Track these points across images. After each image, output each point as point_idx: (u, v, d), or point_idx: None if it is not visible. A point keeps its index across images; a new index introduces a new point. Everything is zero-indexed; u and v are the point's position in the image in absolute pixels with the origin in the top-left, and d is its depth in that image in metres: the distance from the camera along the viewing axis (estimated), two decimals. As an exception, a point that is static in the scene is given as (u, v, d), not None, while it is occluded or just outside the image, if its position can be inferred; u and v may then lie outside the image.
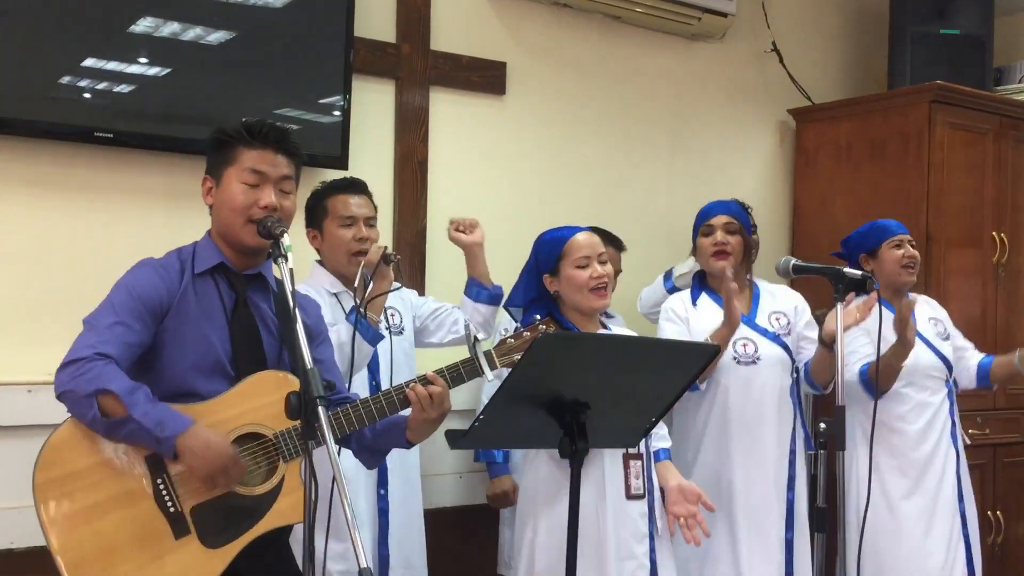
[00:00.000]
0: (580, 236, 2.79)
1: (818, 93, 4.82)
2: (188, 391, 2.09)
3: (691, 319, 3.29)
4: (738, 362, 3.23)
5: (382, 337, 2.84)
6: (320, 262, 3.05)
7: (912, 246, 3.50)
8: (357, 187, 3.04)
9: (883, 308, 3.36)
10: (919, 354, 3.42)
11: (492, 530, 3.63)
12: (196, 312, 2.14)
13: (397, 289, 2.91)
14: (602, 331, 2.84)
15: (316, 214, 3.02)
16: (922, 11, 4.59)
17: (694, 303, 3.34)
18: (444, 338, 3.19)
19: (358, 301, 2.74)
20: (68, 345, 2.04)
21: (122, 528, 2.02)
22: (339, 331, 2.72)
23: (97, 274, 2.22)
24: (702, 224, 3.32)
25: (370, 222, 3.00)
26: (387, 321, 3.01)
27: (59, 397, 2.03)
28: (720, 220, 3.28)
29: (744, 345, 3.23)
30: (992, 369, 3.57)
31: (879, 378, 3.15)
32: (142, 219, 3.17)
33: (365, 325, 2.71)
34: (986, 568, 4.28)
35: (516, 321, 2.89)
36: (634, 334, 2.99)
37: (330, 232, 2.98)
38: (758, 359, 3.25)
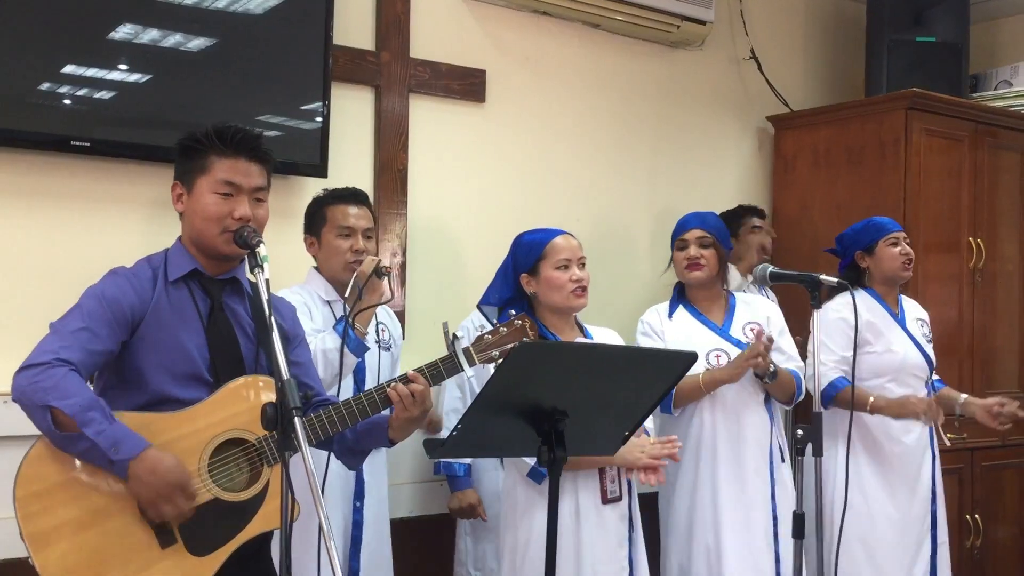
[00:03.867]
0: (560, 239, 2.87)
1: (796, 100, 4.85)
2: (167, 398, 2.07)
3: (666, 332, 3.29)
4: None
5: (367, 348, 2.84)
6: (317, 268, 3.05)
7: (908, 243, 3.58)
8: (358, 198, 3.04)
9: (876, 302, 3.44)
10: (907, 351, 3.49)
11: (449, 539, 3.57)
12: (171, 319, 2.12)
13: (388, 301, 2.90)
14: (580, 340, 2.87)
15: (315, 222, 3.02)
16: (899, 19, 4.63)
17: (670, 316, 3.33)
18: None
19: (348, 311, 2.75)
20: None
21: (106, 540, 1.99)
22: (325, 339, 2.73)
23: (74, 284, 2.20)
24: (676, 238, 3.34)
25: (368, 234, 3.00)
26: (377, 335, 3.03)
27: (15, 401, 1.97)
28: (693, 234, 3.29)
29: (717, 356, 3.21)
30: (938, 395, 3.60)
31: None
32: (119, 228, 3.14)
33: (352, 336, 2.72)
34: (964, 572, 4.31)
35: (489, 321, 2.91)
36: (619, 342, 3.00)
37: (327, 241, 2.98)
38: None
